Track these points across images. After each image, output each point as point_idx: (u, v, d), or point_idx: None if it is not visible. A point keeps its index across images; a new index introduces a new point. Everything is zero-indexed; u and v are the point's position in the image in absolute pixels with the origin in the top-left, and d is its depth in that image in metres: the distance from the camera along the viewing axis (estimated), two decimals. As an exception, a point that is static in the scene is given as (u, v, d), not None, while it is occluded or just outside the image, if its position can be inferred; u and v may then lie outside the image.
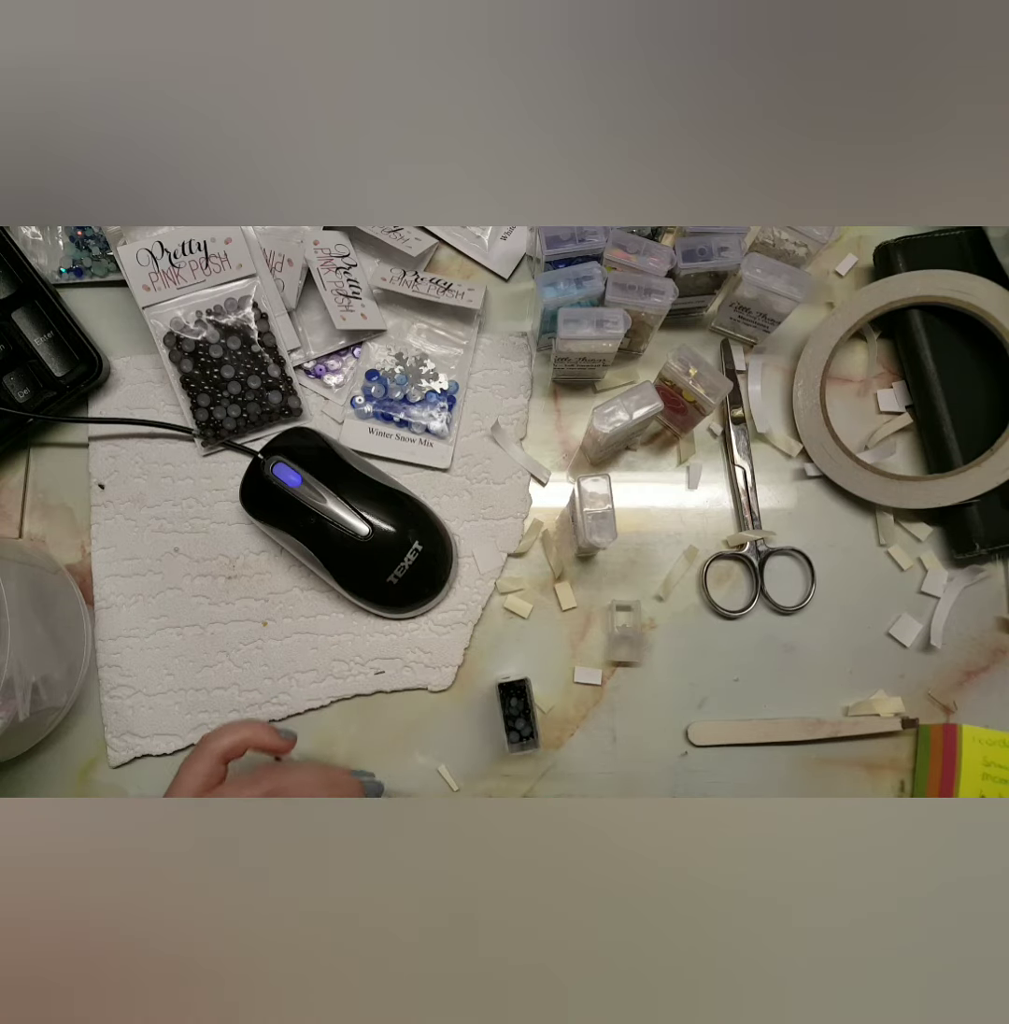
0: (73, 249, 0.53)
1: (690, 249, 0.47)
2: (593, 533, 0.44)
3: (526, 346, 0.54)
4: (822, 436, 0.52)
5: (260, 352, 0.51)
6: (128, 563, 0.51)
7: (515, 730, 0.46)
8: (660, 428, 0.53)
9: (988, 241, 0.51)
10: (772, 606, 0.51)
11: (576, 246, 0.47)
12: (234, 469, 0.52)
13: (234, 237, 0.50)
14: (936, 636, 0.50)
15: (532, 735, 0.47)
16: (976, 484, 0.49)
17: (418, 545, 0.48)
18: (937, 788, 0.48)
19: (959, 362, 0.51)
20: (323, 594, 0.51)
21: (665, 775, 0.50)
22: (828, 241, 0.48)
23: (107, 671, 0.50)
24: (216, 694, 0.50)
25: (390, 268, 0.53)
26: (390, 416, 0.52)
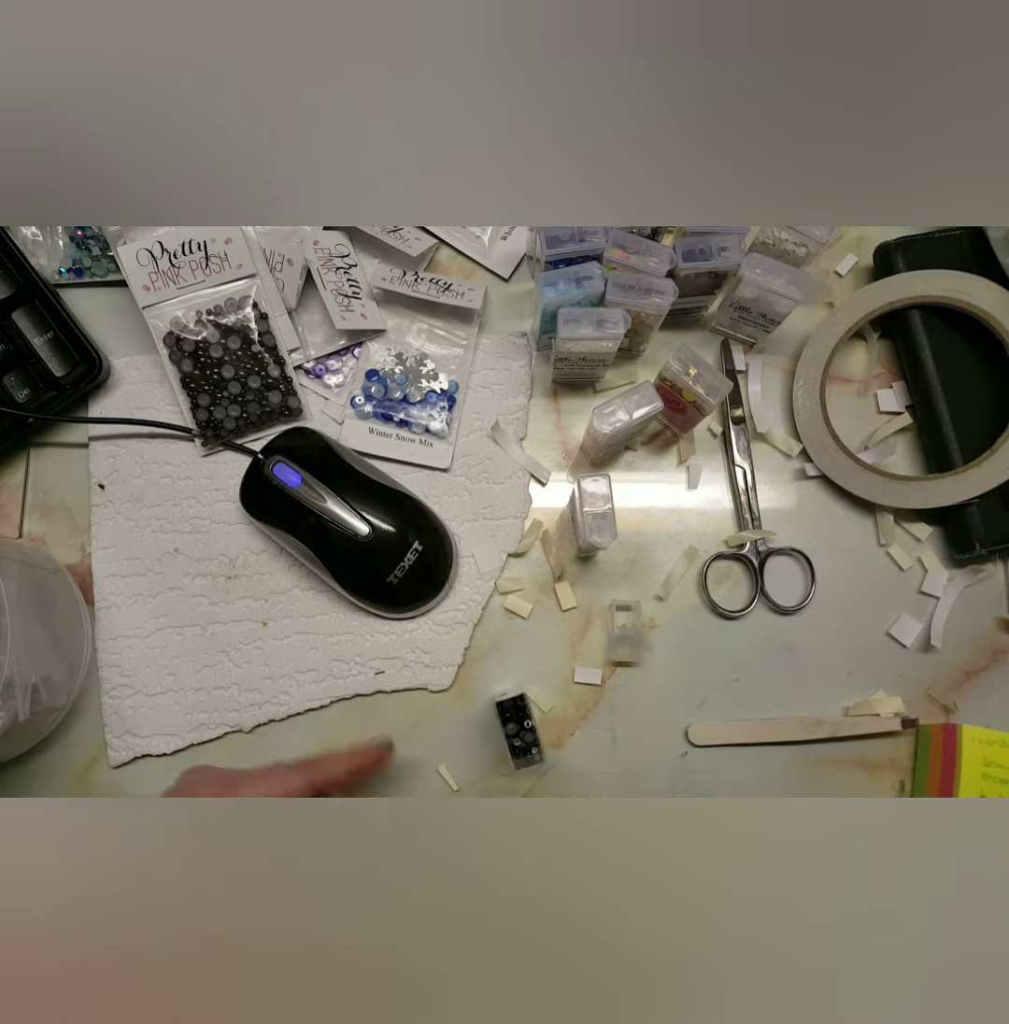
0: (73, 249, 0.52)
1: (690, 249, 0.47)
2: (593, 533, 0.44)
3: (526, 346, 0.54)
4: (822, 436, 0.52)
5: (260, 352, 0.51)
6: (128, 563, 0.51)
7: (518, 747, 0.46)
8: (660, 428, 0.53)
9: (988, 241, 0.51)
10: (772, 606, 0.51)
11: (576, 246, 0.47)
12: (234, 469, 0.52)
13: (234, 237, 0.50)
14: (936, 636, 0.50)
15: (535, 750, 0.46)
16: (976, 484, 0.49)
17: (418, 545, 0.48)
18: (937, 788, 0.48)
19: (959, 362, 0.51)
20: (323, 594, 0.51)
21: (665, 775, 0.50)
22: (828, 241, 0.48)
23: (107, 671, 0.50)
24: (216, 694, 0.50)
25: (390, 268, 0.53)
26: (390, 416, 0.52)
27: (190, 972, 0.27)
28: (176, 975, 0.27)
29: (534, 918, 0.28)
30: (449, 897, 0.28)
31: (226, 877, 0.28)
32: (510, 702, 0.46)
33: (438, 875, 0.28)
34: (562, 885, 0.28)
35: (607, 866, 0.28)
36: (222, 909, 0.27)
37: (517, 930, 0.27)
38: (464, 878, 0.28)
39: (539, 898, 0.28)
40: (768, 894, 0.28)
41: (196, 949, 0.27)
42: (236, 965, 0.27)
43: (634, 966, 0.27)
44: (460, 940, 0.27)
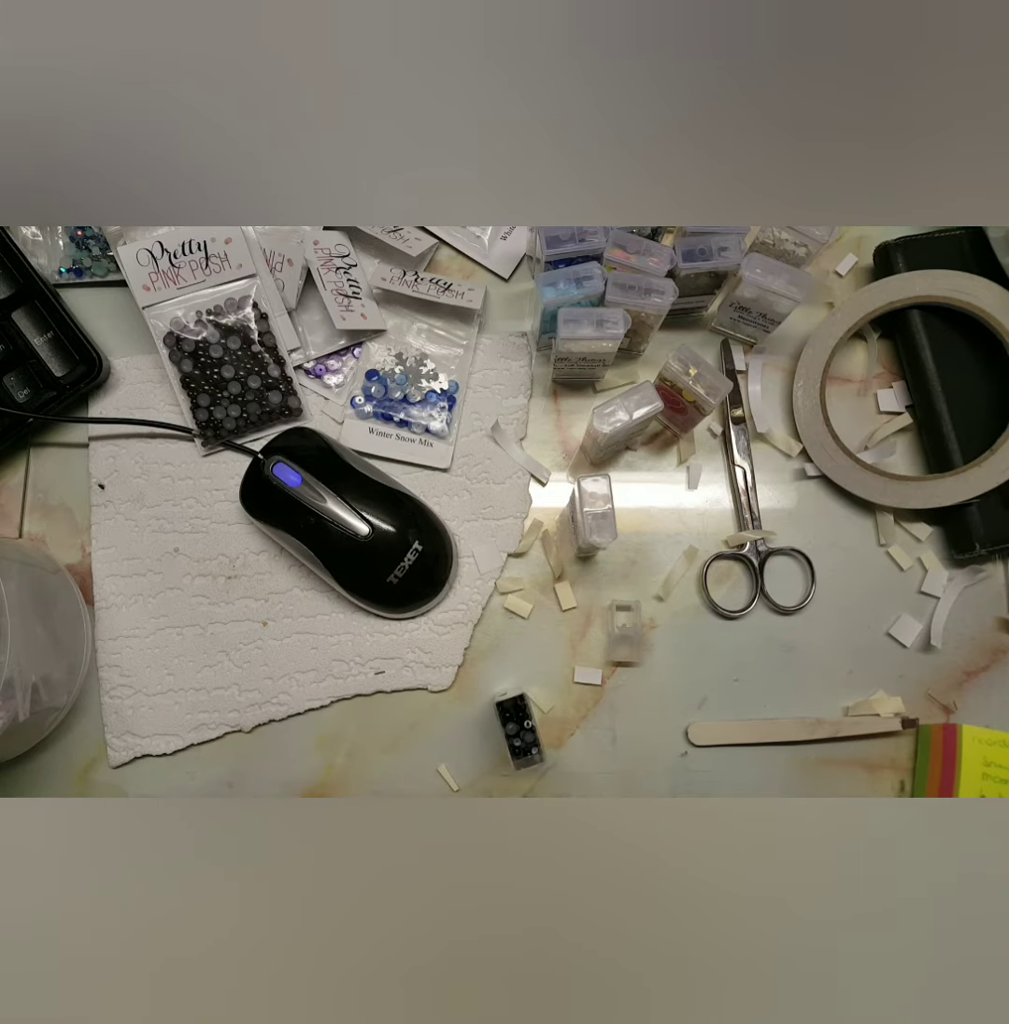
0: (73, 249, 0.52)
1: (690, 249, 0.47)
2: (593, 533, 0.44)
3: (526, 346, 0.54)
4: (822, 436, 0.52)
5: (260, 352, 0.51)
6: (128, 563, 0.51)
7: (518, 747, 0.46)
8: (660, 428, 0.53)
9: (988, 241, 0.51)
10: (772, 606, 0.51)
11: (576, 246, 0.47)
12: (234, 469, 0.52)
13: (234, 237, 0.50)
14: (936, 636, 0.50)
15: (536, 751, 0.46)
16: (976, 484, 0.49)
17: (418, 545, 0.48)
18: (937, 788, 0.48)
19: (959, 362, 0.51)
20: (323, 594, 0.51)
21: (665, 775, 0.50)
22: (828, 241, 0.48)
23: (107, 671, 0.50)
24: (216, 694, 0.50)
25: (390, 268, 0.53)
26: (390, 416, 0.52)
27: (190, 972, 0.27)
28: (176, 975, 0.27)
29: (534, 918, 0.28)
30: (449, 896, 0.28)
31: (225, 877, 0.28)
32: (510, 702, 0.46)
33: (438, 875, 0.28)
34: (562, 885, 0.28)
35: (607, 866, 0.28)
36: (222, 909, 0.27)
37: (516, 930, 0.27)
38: (463, 878, 0.28)
39: (539, 898, 0.28)
40: (768, 894, 0.28)
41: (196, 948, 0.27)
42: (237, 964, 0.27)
43: (634, 966, 0.27)
44: (460, 940, 0.27)
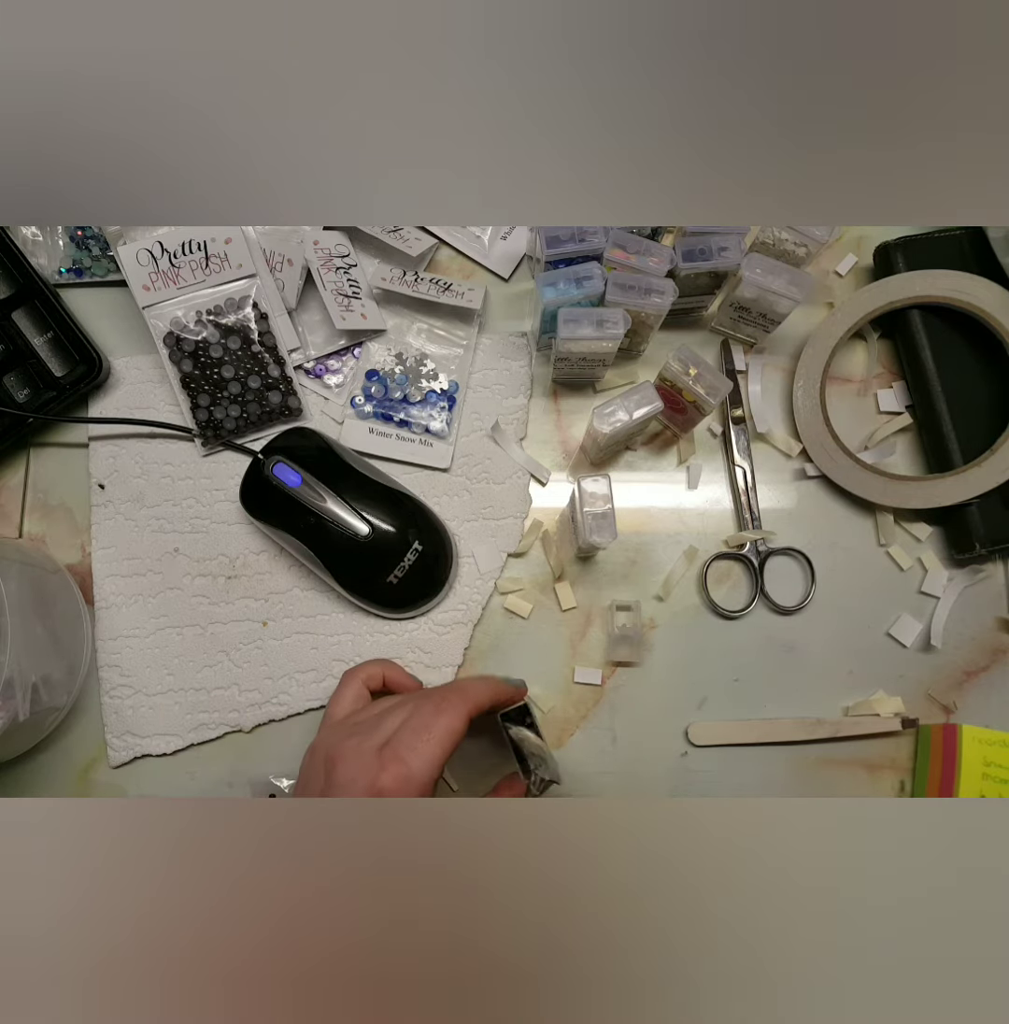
0: (73, 249, 0.53)
1: (690, 249, 0.47)
2: (593, 533, 0.44)
3: (526, 346, 0.54)
4: (822, 436, 0.52)
5: (260, 352, 0.51)
6: (128, 563, 0.51)
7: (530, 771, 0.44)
8: (660, 428, 0.53)
9: (988, 241, 0.51)
10: (772, 606, 0.51)
11: (576, 246, 0.47)
12: (234, 469, 0.52)
13: (234, 237, 0.50)
14: (936, 636, 0.50)
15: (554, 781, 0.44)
16: (976, 484, 0.49)
17: (418, 545, 0.48)
18: (937, 788, 0.48)
19: (959, 362, 0.51)
20: (323, 594, 0.51)
21: (665, 775, 0.50)
22: (828, 241, 0.48)
23: (107, 671, 0.50)
24: (216, 694, 0.50)
25: (390, 268, 0.53)
26: (390, 416, 0.52)
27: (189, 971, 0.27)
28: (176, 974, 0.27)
29: (533, 917, 0.28)
30: (449, 897, 0.28)
31: (225, 877, 0.28)
32: (514, 712, 0.45)
33: (438, 876, 0.28)
34: (561, 885, 0.28)
35: (606, 866, 0.28)
36: (221, 909, 0.27)
37: (516, 930, 0.27)
38: (463, 879, 0.28)
39: (539, 898, 0.28)
40: (768, 894, 0.28)
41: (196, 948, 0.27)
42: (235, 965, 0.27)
43: (633, 966, 0.27)
44: (459, 940, 0.27)
